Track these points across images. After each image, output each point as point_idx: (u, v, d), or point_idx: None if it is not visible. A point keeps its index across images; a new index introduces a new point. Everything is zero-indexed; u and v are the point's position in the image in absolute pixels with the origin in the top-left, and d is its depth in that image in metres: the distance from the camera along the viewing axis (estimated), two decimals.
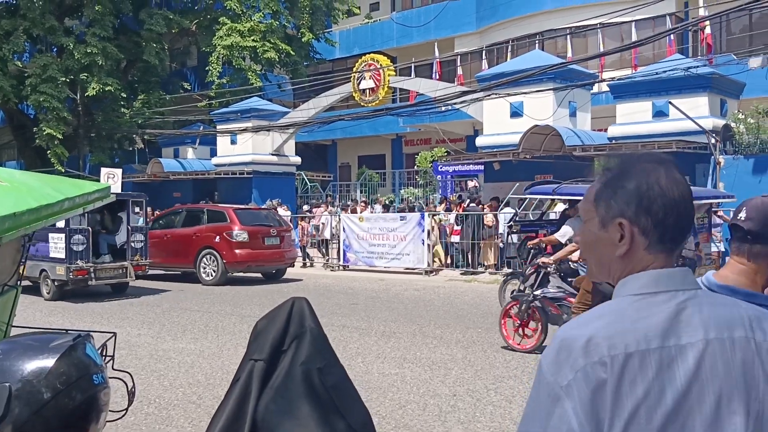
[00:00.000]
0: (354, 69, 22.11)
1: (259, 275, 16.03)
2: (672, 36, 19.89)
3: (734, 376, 1.16)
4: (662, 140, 14.24)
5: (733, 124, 14.99)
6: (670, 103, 14.73)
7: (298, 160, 25.16)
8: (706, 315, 1.19)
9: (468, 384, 6.47)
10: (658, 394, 1.13)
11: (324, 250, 18.83)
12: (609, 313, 1.22)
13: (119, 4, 24.89)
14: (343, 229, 17.45)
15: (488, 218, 15.48)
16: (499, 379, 6.65)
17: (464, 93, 18.61)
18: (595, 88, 19.65)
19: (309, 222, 20.15)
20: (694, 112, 14.33)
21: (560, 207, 12.10)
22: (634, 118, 15.84)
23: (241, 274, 15.61)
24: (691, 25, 19.30)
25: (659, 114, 15.46)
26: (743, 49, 19.07)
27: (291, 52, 26.60)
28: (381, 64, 21.28)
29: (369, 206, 21.53)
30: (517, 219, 13.25)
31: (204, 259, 14.93)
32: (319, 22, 27.89)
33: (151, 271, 15.58)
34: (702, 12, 19.02)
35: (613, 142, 15.84)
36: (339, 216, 18.34)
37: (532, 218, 14.09)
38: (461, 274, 15.68)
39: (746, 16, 19.93)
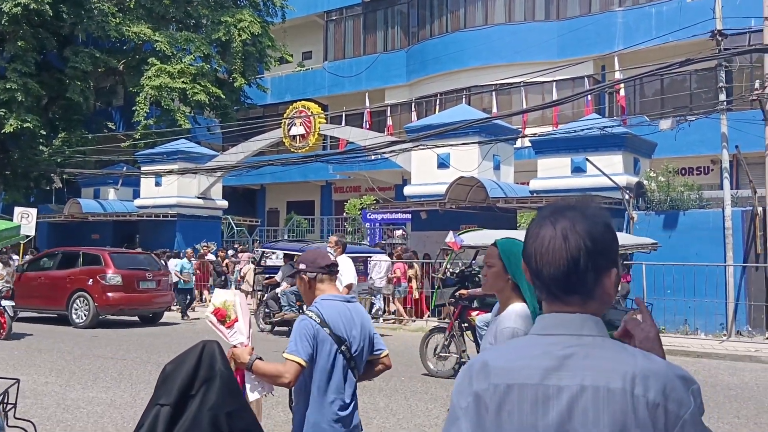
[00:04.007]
0: (285, 115, 22.17)
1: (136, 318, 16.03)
2: (589, 97, 20.97)
3: (604, 424, 1.20)
4: (580, 195, 14.82)
5: (645, 182, 15.79)
6: (587, 159, 15.41)
7: (225, 203, 24.80)
8: (589, 363, 1.25)
9: None
10: (530, 427, 1.24)
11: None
12: (511, 346, 1.37)
13: (43, 40, 24.26)
14: None
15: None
16: (421, 428, 6.63)
17: (393, 143, 18.95)
18: (518, 143, 20.36)
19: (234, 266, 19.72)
20: (609, 169, 15.04)
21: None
22: (554, 172, 16.48)
23: (114, 317, 15.53)
24: (607, 87, 20.43)
25: (577, 170, 16.15)
26: (655, 111, 20.21)
27: (221, 95, 26.47)
28: (312, 112, 21.43)
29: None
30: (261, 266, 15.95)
31: (76, 301, 14.91)
32: (251, 68, 27.93)
33: (24, 314, 15.22)
34: (617, 75, 20.15)
35: (535, 195, 16.39)
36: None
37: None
38: (383, 321, 15.69)
39: (658, 81, 21.24)
